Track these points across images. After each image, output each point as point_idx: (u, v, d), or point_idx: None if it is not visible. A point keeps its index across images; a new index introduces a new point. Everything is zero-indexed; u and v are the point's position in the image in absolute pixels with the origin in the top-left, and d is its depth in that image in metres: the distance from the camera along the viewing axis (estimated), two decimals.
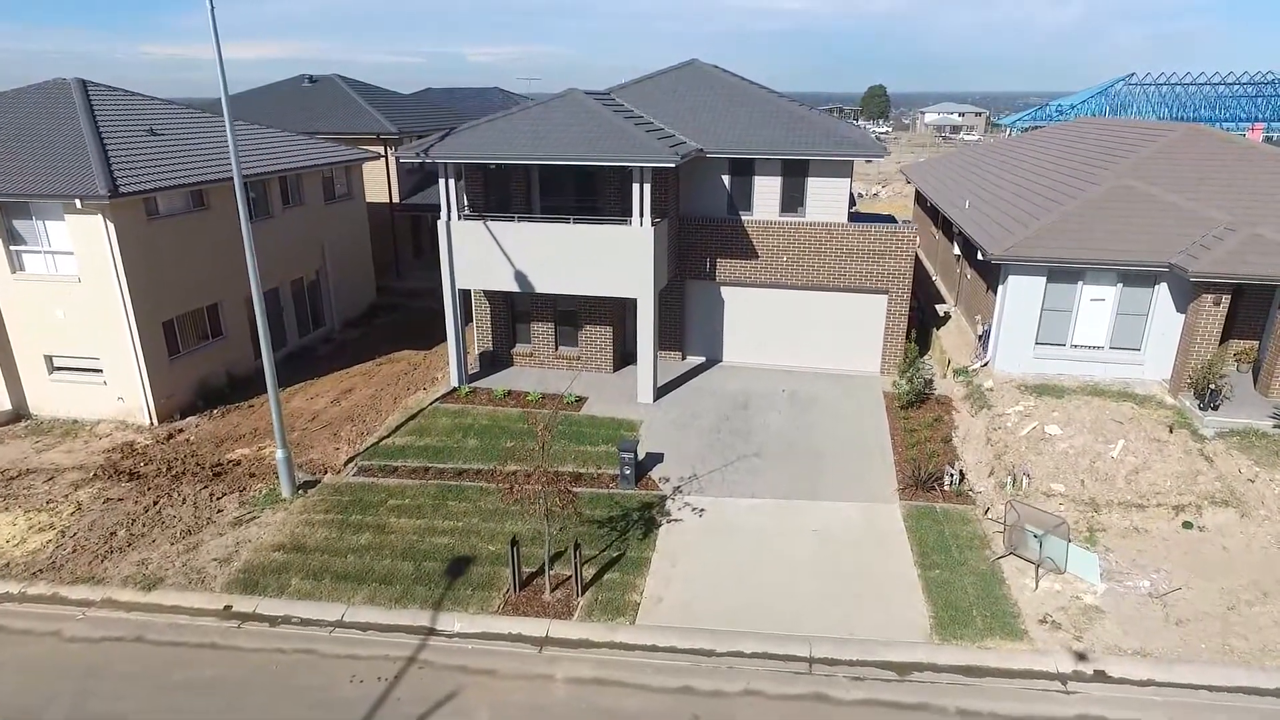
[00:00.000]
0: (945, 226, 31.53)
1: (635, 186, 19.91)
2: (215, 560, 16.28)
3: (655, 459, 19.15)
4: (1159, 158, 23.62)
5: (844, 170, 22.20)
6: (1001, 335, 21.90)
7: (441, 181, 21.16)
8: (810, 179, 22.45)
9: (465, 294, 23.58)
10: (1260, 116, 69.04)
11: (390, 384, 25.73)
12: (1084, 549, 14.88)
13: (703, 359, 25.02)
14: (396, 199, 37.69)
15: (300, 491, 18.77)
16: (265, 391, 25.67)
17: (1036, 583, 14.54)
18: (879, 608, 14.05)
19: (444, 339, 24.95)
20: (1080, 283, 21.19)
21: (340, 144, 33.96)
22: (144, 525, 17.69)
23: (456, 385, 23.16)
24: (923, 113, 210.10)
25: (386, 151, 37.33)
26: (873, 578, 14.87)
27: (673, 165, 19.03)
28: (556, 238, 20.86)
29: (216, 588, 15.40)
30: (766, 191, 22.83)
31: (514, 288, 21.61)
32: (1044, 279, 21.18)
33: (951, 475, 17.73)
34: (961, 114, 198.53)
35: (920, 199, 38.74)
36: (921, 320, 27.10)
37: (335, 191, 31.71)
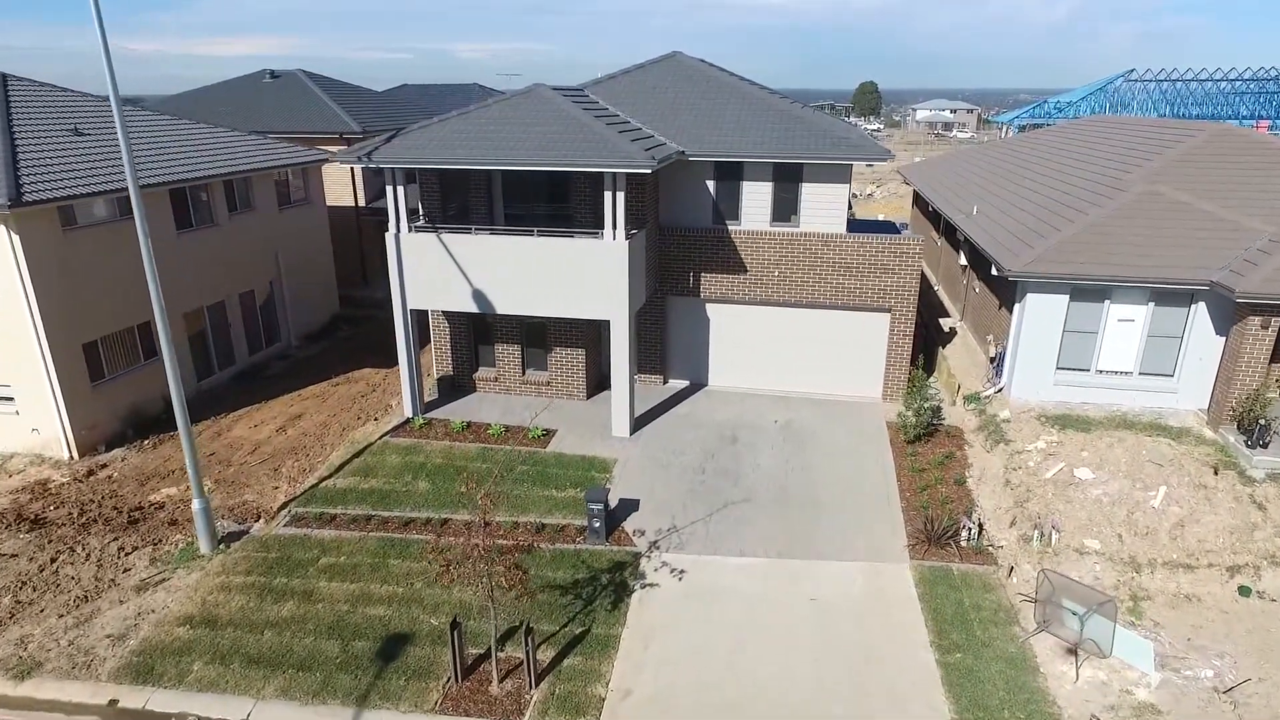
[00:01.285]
0: (948, 232, 29.24)
1: (607, 195, 17.52)
2: (109, 637, 13.85)
3: (630, 506, 16.79)
4: (1187, 161, 21.35)
5: (842, 175, 19.86)
6: (1018, 359, 19.59)
7: (389, 189, 18.72)
8: (804, 185, 20.11)
9: (422, 314, 21.16)
10: (1264, 114, 67.02)
11: (345, 408, 23.35)
12: (1134, 631, 12.57)
13: (686, 383, 22.66)
14: (363, 202, 35.22)
15: (222, 546, 16.35)
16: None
17: (1077, 672, 12.22)
18: (891, 708, 11.70)
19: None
20: (1107, 301, 18.91)
21: (300, 144, 31.52)
22: (35, 590, 15.27)
23: (410, 416, 20.73)
24: (914, 109, 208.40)
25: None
26: (882, 663, 12.53)
27: (648, 171, 16.65)
28: (519, 252, 18.46)
29: (103, 675, 12.97)
30: (756, 198, 20.48)
31: (472, 308, 19.20)
32: (1066, 297, 18.89)
33: (969, 529, 15.41)
34: (953, 110, 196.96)
35: (919, 201, 36.46)
36: (925, 336, 24.80)
37: (291, 196, 29.23)
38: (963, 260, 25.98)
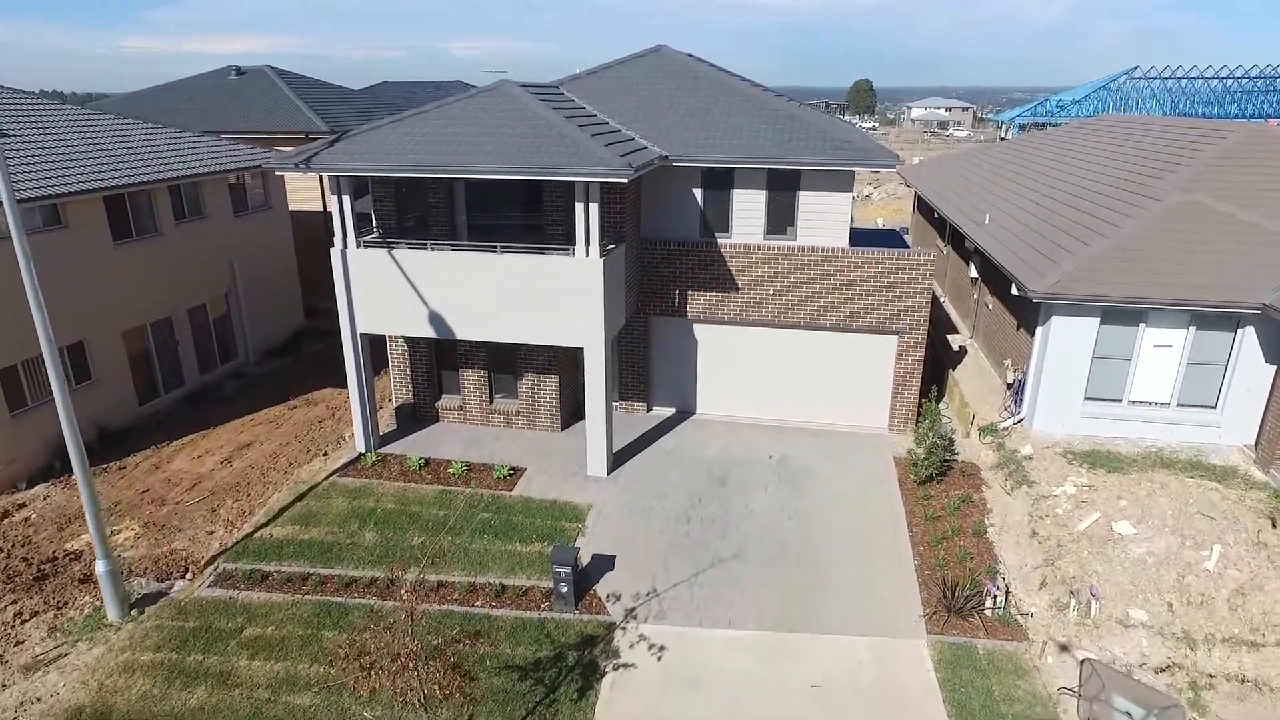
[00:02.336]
0: (955, 240, 27.15)
1: (579, 207, 15.38)
2: None
3: (604, 564, 14.66)
4: (1222, 165, 19.31)
5: (844, 183, 17.74)
6: (1042, 388, 17.51)
7: (334, 200, 16.54)
8: (802, 194, 17.98)
9: (378, 336, 18.98)
10: (1270, 112, 65.14)
11: (299, 435, 21.24)
12: None
13: (672, 410, 20.53)
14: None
15: (134, 613, 14.19)
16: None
17: None
18: None
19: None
20: (1142, 325, 16.85)
21: (262, 145, 29.38)
22: None
23: (363, 451, 18.56)
24: (909, 107, 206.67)
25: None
26: None
27: (624, 180, 14.50)
28: (481, 271, 16.30)
29: None
30: (748, 209, 18.34)
31: (427, 333, 17.04)
32: (1096, 321, 16.82)
33: (995, 595, 13.30)
34: (949, 109, 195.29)
35: (922, 206, 34.38)
36: (933, 356, 22.70)
37: (249, 201, 27.04)
38: (973, 273, 23.88)
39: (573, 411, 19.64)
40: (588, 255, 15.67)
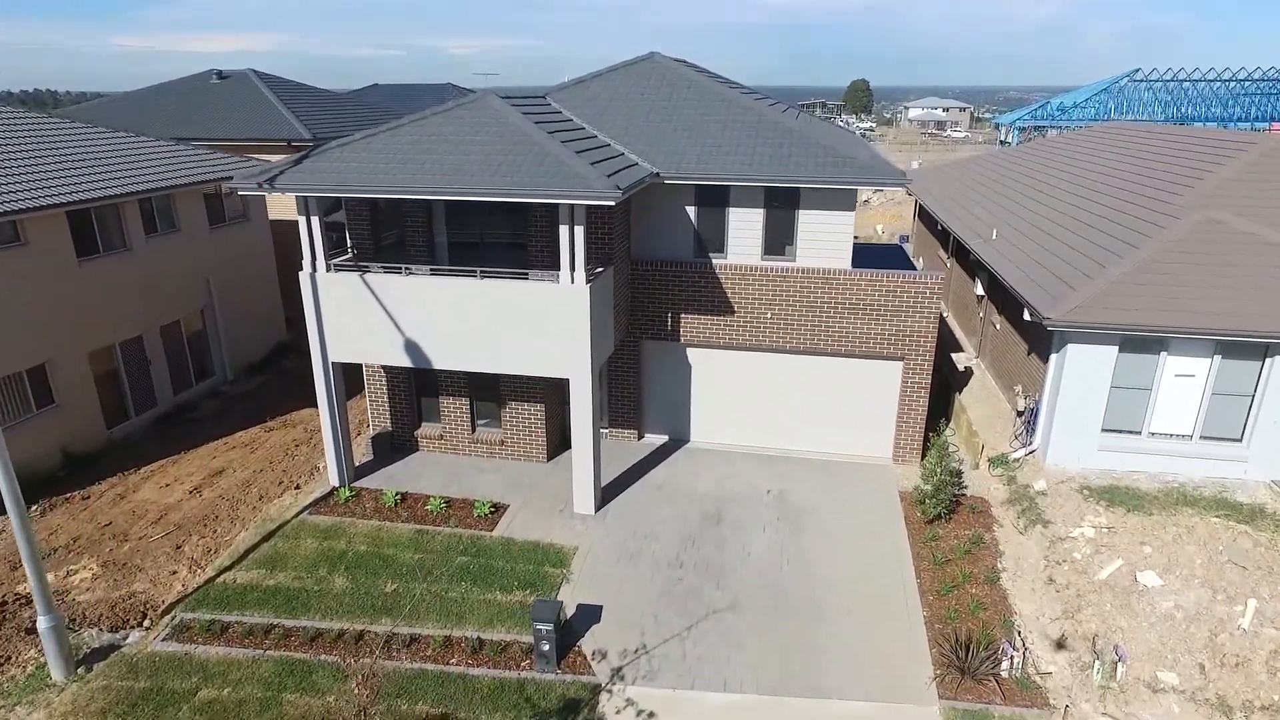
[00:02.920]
0: (959, 251, 26.18)
1: (564, 229, 14.33)
2: None
3: (590, 615, 13.61)
4: (1245, 180, 18.36)
5: (846, 201, 16.71)
6: (1056, 419, 16.52)
7: (301, 220, 15.47)
8: (802, 212, 16.94)
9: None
10: (1274, 115, 64.29)
11: (275, 461, 20.21)
12: None
13: (665, 438, 19.48)
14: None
15: (80, 671, 13.09)
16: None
17: None
18: None
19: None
20: (1163, 354, 15.86)
21: (242, 154, 28.36)
22: None
23: (336, 486, 17.50)
24: (906, 107, 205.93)
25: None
26: None
27: (612, 203, 13.45)
28: (460, 297, 15.25)
29: None
30: (744, 228, 17.31)
31: (404, 362, 15.98)
32: (1115, 349, 15.83)
33: (1011, 656, 12.26)
34: (945, 109, 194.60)
35: (924, 215, 33.39)
36: (939, 377, 21.67)
37: (226, 213, 25.93)
38: (979, 290, 22.89)
39: (560, 441, 18.59)
40: (573, 281, 14.62)
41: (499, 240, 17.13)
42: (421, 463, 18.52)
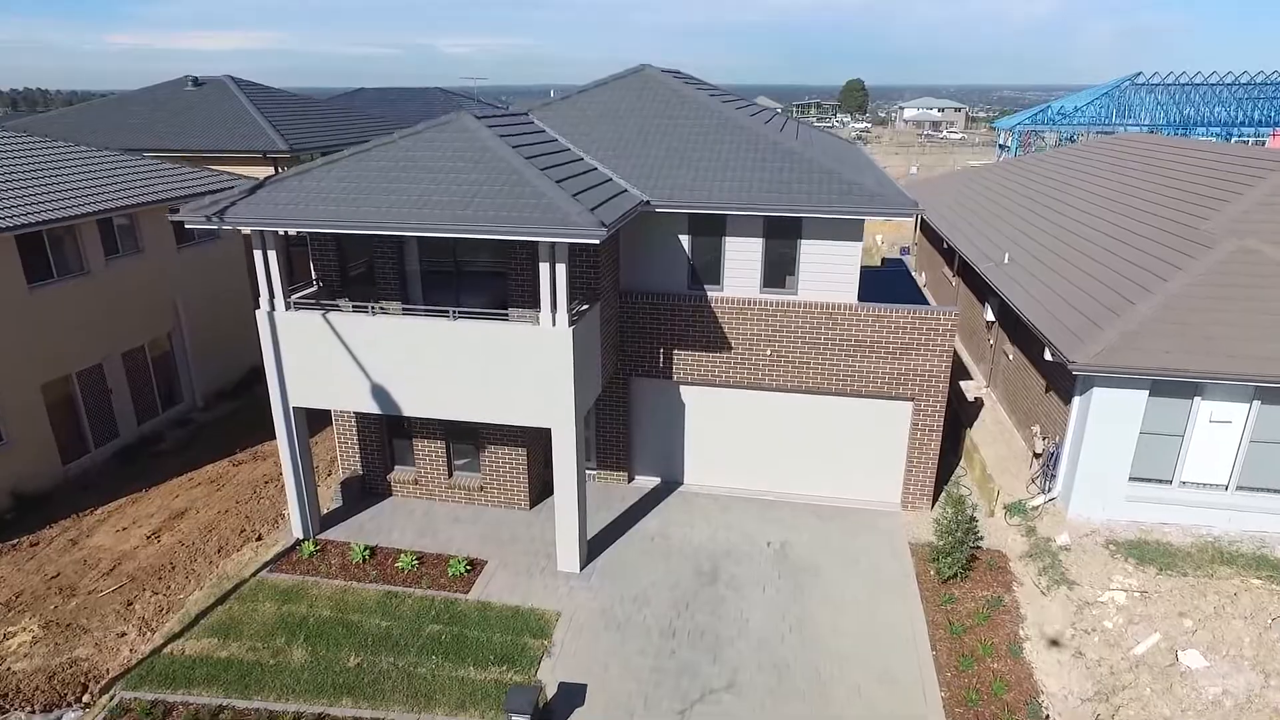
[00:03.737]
0: (965, 269, 24.91)
1: (544, 267, 12.99)
2: None
3: (573, 696, 12.29)
4: (1276, 204, 17.08)
5: (852, 231, 15.41)
6: (1080, 466, 15.25)
7: (257, 255, 14.12)
8: (804, 242, 15.64)
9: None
10: (1278, 120, 63.18)
11: (242, 500, 18.91)
12: None
13: (657, 480, 18.17)
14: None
15: None
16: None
17: None
18: None
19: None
20: (1197, 398, 14.59)
21: (215, 166, 27.06)
22: None
23: (300, 538, 16.16)
24: (901, 108, 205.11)
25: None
26: None
27: (595, 241, 12.12)
28: (431, 339, 13.91)
29: None
30: (742, 259, 16.00)
31: (371, 408, 14.64)
32: (1145, 393, 14.56)
33: None
34: (941, 109, 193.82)
35: (926, 229, 32.13)
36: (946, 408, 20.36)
37: (194, 231, 24.49)
38: (989, 315, 21.61)
39: (543, 486, 17.27)
40: (554, 323, 13.30)
41: (477, 269, 15.81)
42: (394, 510, 17.18)
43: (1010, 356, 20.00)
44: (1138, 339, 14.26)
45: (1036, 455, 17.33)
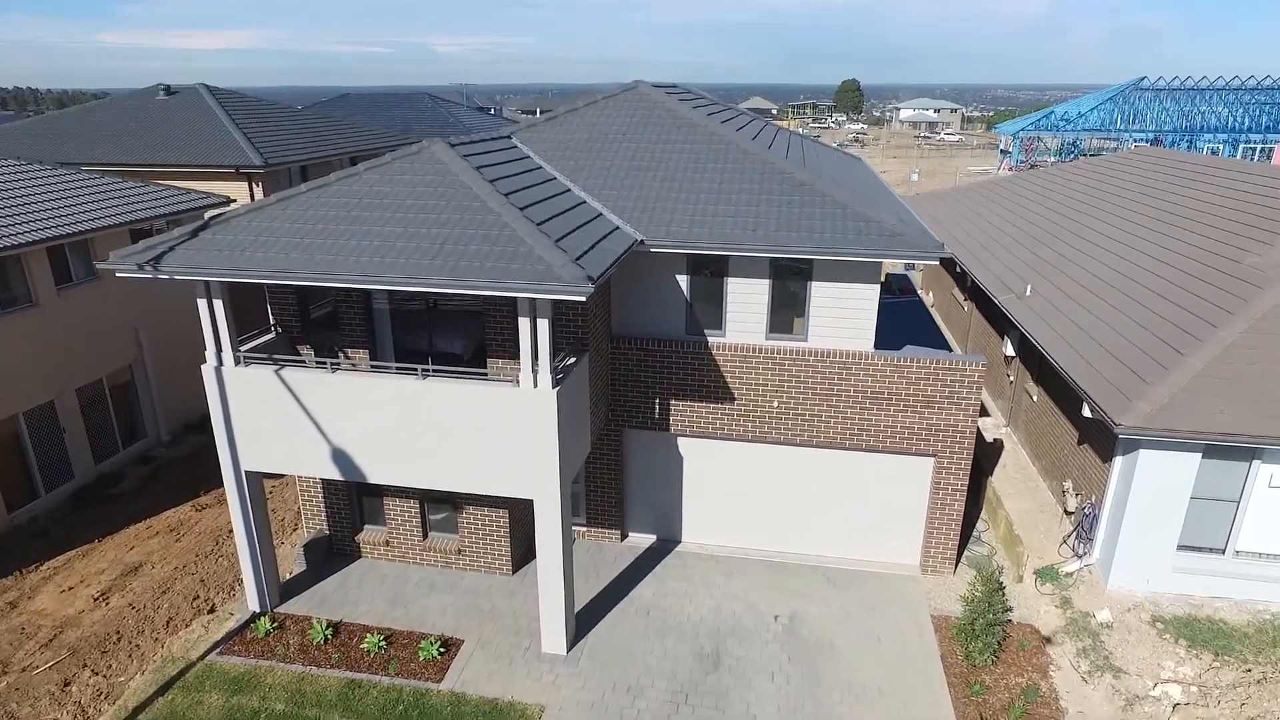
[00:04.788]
0: (977, 294, 23.41)
1: (525, 322, 11.42)
2: None
3: None
4: None
5: (869, 272, 13.87)
6: (1123, 533, 13.75)
7: (201, 304, 12.50)
8: (815, 284, 14.09)
9: None
10: None
11: (200, 556, 17.38)
12: None
13: (652, 538, 16.61)
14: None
15: None
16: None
17: None
18: None
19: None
20: (1255, 461, 13.09)
21: (186, 181, 25.52)
22: None
23: (257, 612, 14.55)
24: (897, 109, 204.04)
25: (251, 190, 28.57)
26: None
27: (581, 298, 10.53)
28: (399, 399, 12.32)
29: None
30: (747, 301, 14.44)
31: (332, 474, 13.04)
32: (1198, 456, 13.05)
33: None
34: (937, 110, 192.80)
35: None
36: None
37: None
38: (1008, 349, 20.10)
39: (527, 549, 15.69)
40: (536, 384, 11.72)
41: (452, 308, 14.21)
42: (363, 576, 15.58)
43: (1034, 397, 18.49)
44: (1190, 397, 12.75)
45: (1068, 512, 15.82)
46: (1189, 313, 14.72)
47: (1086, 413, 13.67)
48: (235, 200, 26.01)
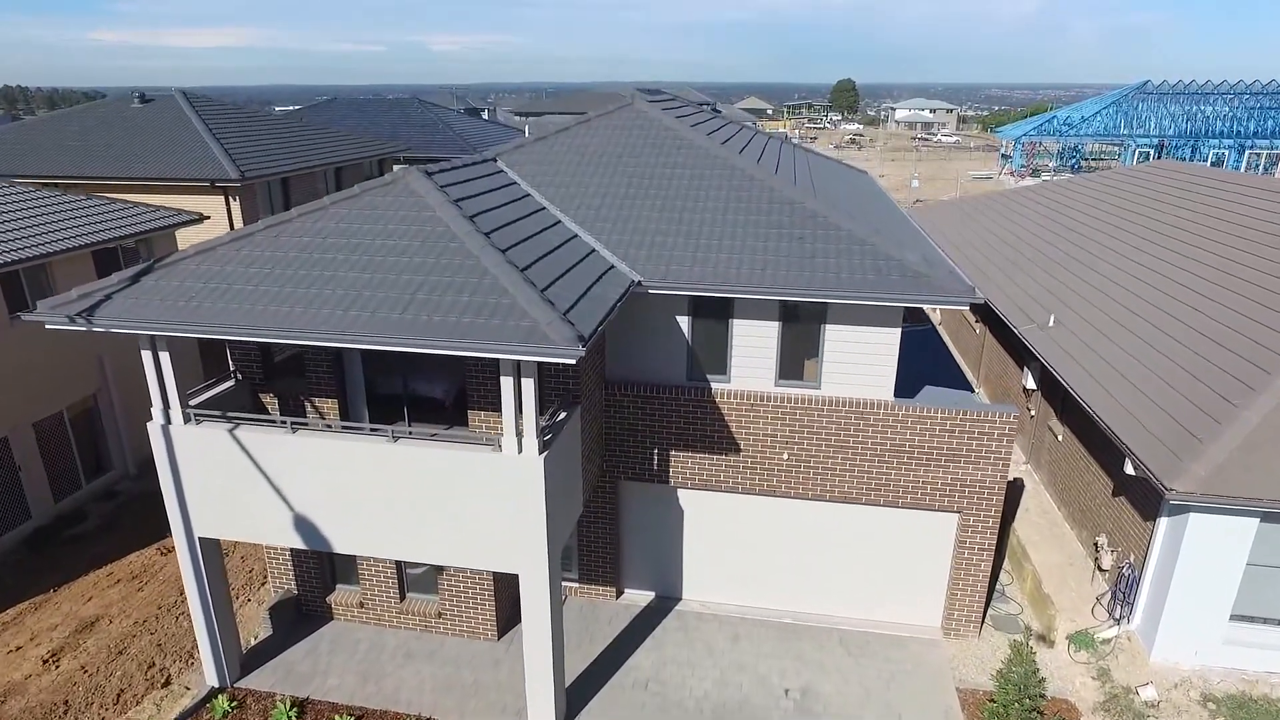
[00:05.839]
0: (990, 316, 22.15)
1: (508, 382, 10.10)
2: None
3: None
4: None
5: (889, 315, 12.56)
6: (1169, 600, 12.49)
7: (146, 356, 11.15)
8: (830, 327, 12.80)
9: None
10: None
11: (163, 609, 16.26)
12: None
13: (651, 596, 15.31)
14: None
15: None
16: None
17: None
18: None
19: None
20: None
21: (162, 194, 24.23)
22: None
23: (215, 687, 13.21)
24: (893, 109, 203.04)
25: (228, 205, 27.20)
26: None
27: (571, 361, 9.21)
28: (370, 462, 10.99)
29: None
30: (753, 345, 13.14)
31: (295, 543, 11.71)
32: (1256, 521, 11.78)
33: None
34: (933, 110, 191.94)
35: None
36: None
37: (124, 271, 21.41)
38: (1029, 382, 18.84)
39: (514, 611, 14.35)
40: (521, 449, 10.41)
41: (430, 357, 12.84)
42: (334, 642, 14.24)
43: (1059, 436, 17.22)
44: (1247, 456, 11.49)
45: (1101, 569, 14.57)
46: (1239, 356, 13.47)
47: (1129, 470, 12.41)
48: (209, 217, 24.68)
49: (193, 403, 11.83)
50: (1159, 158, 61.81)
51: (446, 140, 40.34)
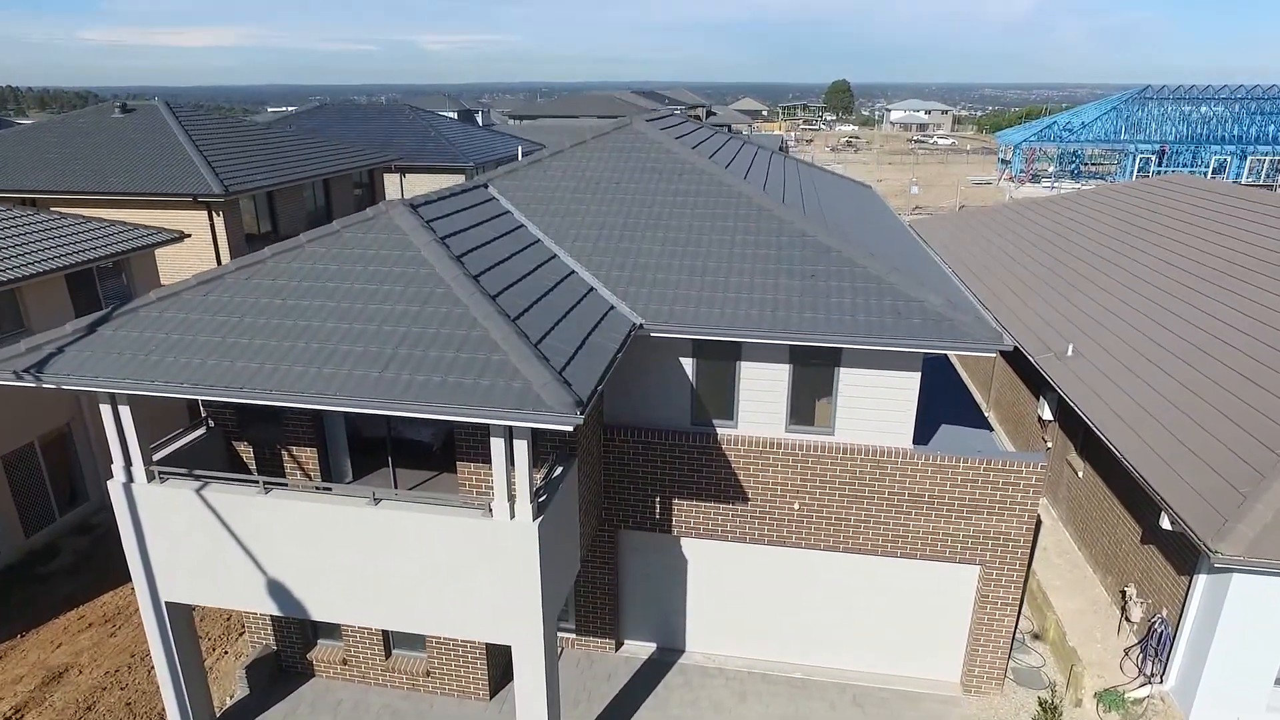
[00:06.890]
0: None
1: (499, 444, 9.21)
2: None
3: None
4: None
5: (908, 360, 11.71)
6: (1209, 662, 11.66)
7: (105, 411, 10.25)
8: (844, 371, 11.95)
9: None
10: None
11: (137, 656, 15.46)
12: None
13: (652, 648, 14.44)
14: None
15: None
16: None
17: None
18: None
19: None
20: None
21: (142, 208, 23.30)
22: None
23: None
24: (888, 110, 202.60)
25: (211, 221, 26.26)
26: None
27: (569, 429, 8.34)
28: (349, 526, 10.09)
29: None
30: (762, 389, 12.28)
31: (269, 609, 10.82)
32: None
33: None
34: (928, 111, 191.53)
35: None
36: None
37: (102, 294, 20.61)
38: (1045, 413, 18.03)
39: (505, 668, 13.51)
40: (513, 515, 9.54)
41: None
42: (315, 703, 13.34)
43: (1080, 474, 16.41)
44: None
45: (1129, 620, 13.75)
46: (1266, 390, 12.64)
47: (1166, 524, 11.59)
48: (189, 235, 23.74)
49: (158, 456, 10.93)
50: (1160, 163, 61.19)
51: (439, 148, 39.38)
